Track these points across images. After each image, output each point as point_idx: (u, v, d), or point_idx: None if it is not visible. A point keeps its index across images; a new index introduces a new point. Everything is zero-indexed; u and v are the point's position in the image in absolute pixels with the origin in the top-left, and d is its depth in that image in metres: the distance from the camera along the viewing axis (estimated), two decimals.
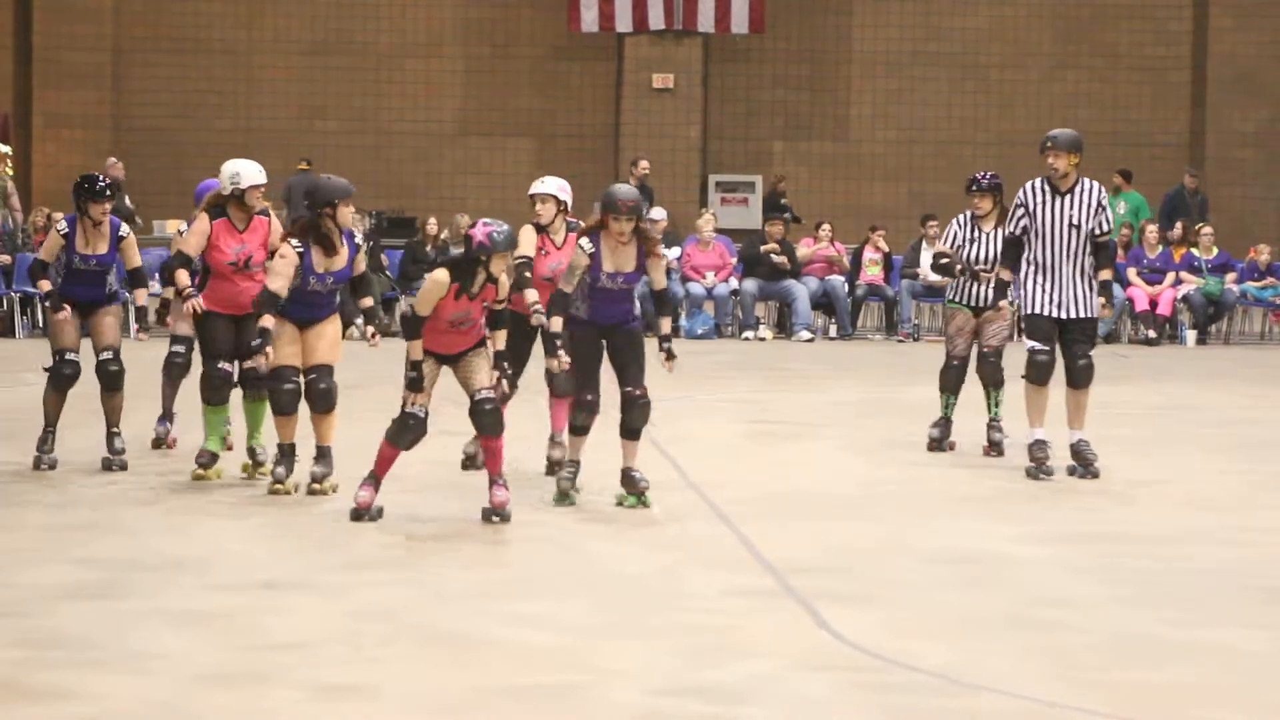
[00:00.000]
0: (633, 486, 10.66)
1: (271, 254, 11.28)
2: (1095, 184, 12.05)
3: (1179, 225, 25.23)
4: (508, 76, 30.47)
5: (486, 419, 10.21)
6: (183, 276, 11.47)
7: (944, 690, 7.07)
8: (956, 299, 13.33)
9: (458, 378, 10.33)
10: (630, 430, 10.68)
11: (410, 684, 7.09)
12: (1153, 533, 10.33)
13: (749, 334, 23.74)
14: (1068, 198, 11.96)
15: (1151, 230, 24.78)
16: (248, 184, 11.54)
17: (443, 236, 24.06)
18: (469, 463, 11.82)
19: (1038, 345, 11.96)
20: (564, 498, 10.70)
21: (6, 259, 21.97)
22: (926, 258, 24.12)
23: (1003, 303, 12.43)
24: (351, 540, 9.76)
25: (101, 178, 11.91)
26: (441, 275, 10.11)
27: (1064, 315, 11.97)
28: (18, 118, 30.01)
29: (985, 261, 13.08)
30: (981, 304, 13.13)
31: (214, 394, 11.47)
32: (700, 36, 29.76)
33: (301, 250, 10.84)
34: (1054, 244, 11.94)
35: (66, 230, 11.70)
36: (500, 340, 10.33)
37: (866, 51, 30.65)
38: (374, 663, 7.35)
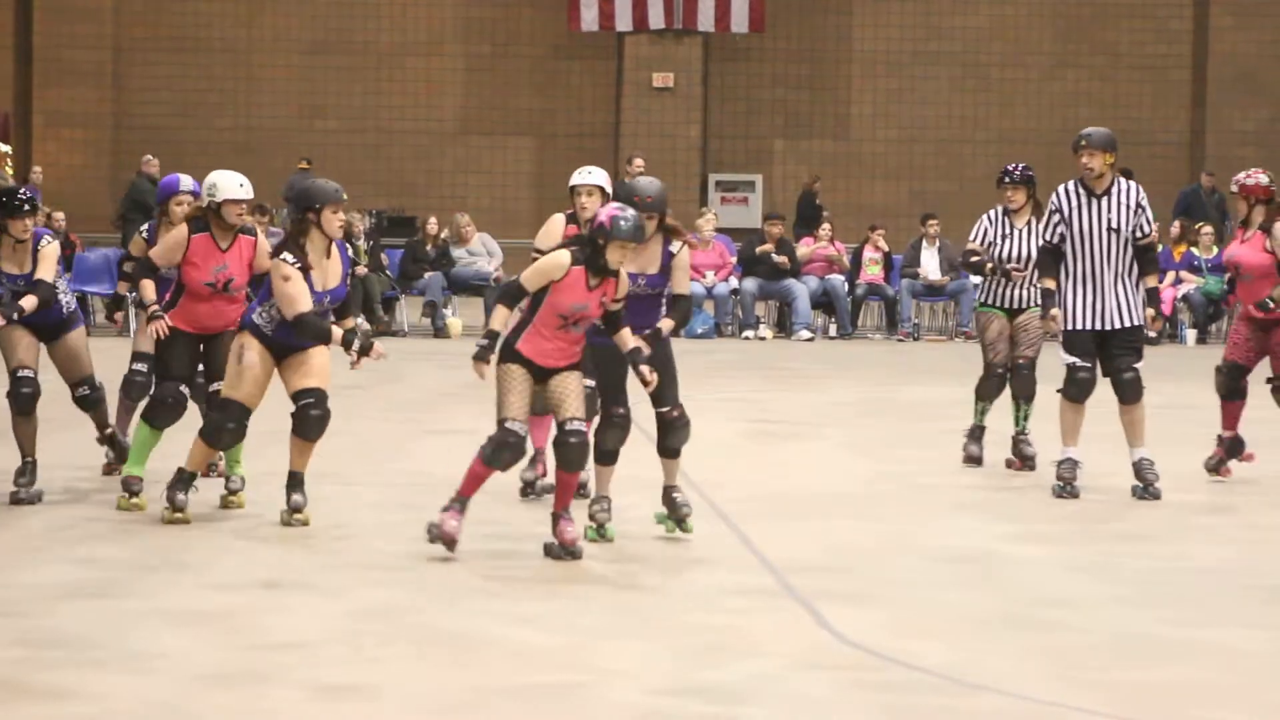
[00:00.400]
0: (674, 511, 9.79)
1: (255, 278, 10.49)
2: (1133, 183, 11.37)
3: (1177, 224, 25.24)
4: (508, 75, 30.48)
5: (571, 453, 9.18)
6: (148, 289, 10.45)
7: (944, 689, 7.07)
8: (989, 301, 12.53)
9: (548, 400, 9.26)
10: (670, 450, 9.77)
11: (410, 684, 7.09)
12: (1152, 532, 10.33)
13: (749, 333, 23.75)
14: (1104, 199, 11.23)
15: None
16: (224, 197, 10.39)
17: (443, 236, 24.07)
18: (528, 489, 10.96)
19: (1079, 361, 11.19)
20: (601, 531, 9.64)
21: None
22: (927, 257, 24.17)
23: (1054, 311, 11.24)
24: (351, 541, 9.76)
25: (23, 191, 10.84)
26: (563, 255, 9.10)
27: (1107, 326, 11.18)
28: (18, 117, 30.03)
29: (1019, 260, 12.38)
30: (1016, 305, 12.40)
31: (162, 417, 10.45)
32: (700, 35, 29.77)
33: (298, 265, 9.75)
34: (1093, 250, 11.18)
35: None
36: (627, 340, 9.30)
37: (867, 50, 30.66)
38: (374, 663, 7.36)
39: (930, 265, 24.16)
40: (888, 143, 30.65)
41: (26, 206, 10.58)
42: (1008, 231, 12.48)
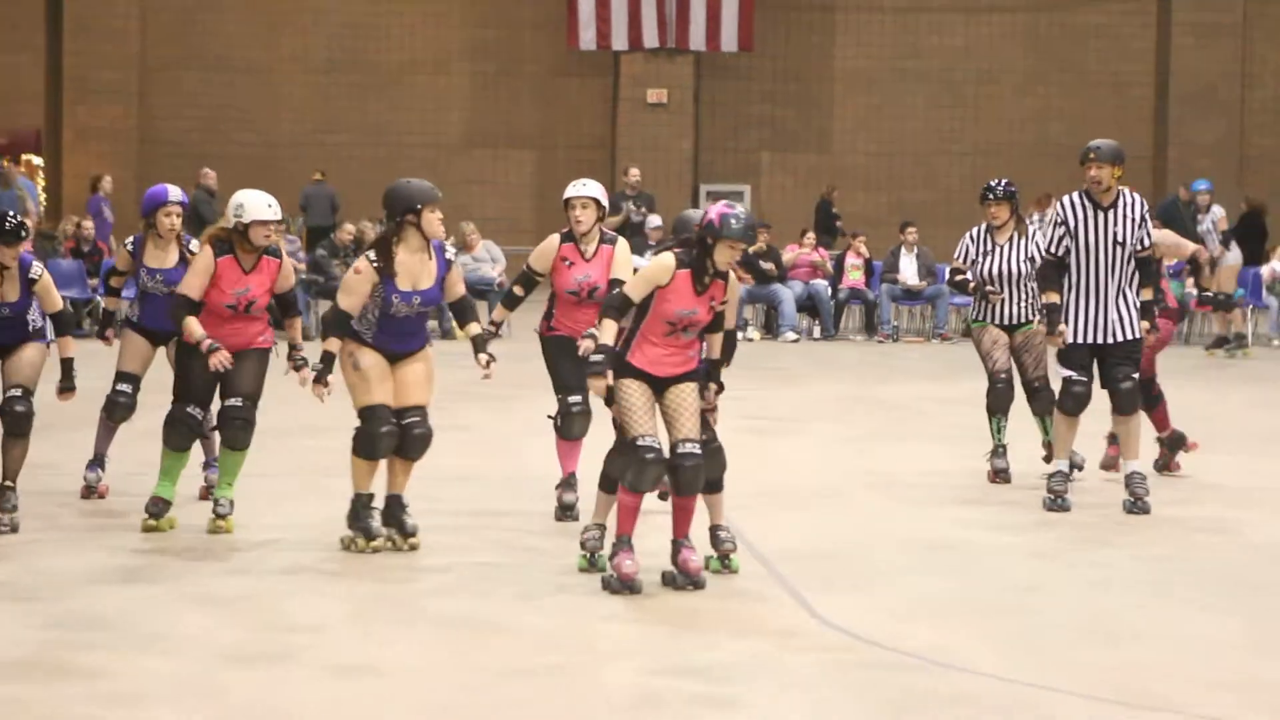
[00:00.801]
0: (717, 546, 8.72)
1: (279, 297, 9.83)
2: (1137, 196, 10.64)
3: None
4: (511, 92, 30.48)
5: (686, 475, 8.22)
6: (195, 327, 9.46)
7: (923, 670, 7.08)
8: (980, 318, 11.75)
9: (664, 413, 8.33)
10: (709, 483, 8.63)
11: (418, 664, 7.10)
12: (1116, 522, 10.33)
13: (738, 334, 23.73)
14: (1110, 212, 10.51)
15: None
16: (252, 218, 9.51)
17: (450, 241, 24.07)
18: (565, 512, 9.97)
19: (1074, 375, 10.57)
20: (592, 560, 8.67)
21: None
22: (906, 263, 24.18)
23: (1062, 327, 10.51)
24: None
25: (12, 216, 9.60)
26: (666, 258, 8.19)
27: (1106, 339, 10.54)
28: (49, 132, 30.01)
29: (999, 276, 11.62)
30: (1009, 322, 11.63)
31: (181, 440, 9.64)
32: (692, 54, 29.76)
33: (379, 265, 9.03)
34: (1097, 262, 10.52)
35: None
36: (716, 346, 8.52)
37: (849, 69, 30.66)
38: (384, 645, 7.37)
39: (908, 271, 24.19)
40: (868, 155, 30.65)
41: (21, 233, 9.51)
42: (989, 248, 11.69)
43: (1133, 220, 10.52)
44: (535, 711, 6.48)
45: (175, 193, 10.43)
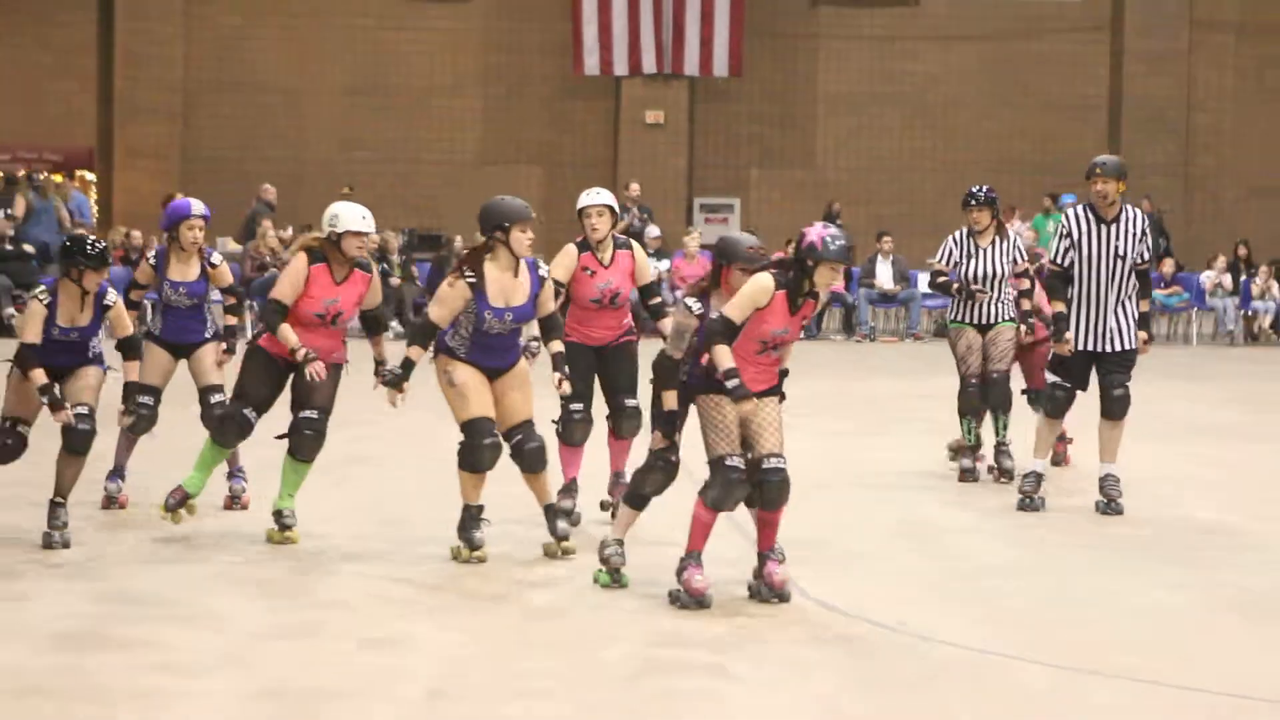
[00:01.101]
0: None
1: (366, 314, 9.17)
2: (1138, 211, 10.16)
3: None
4: (521, 113, 30.43)
5: (774, 490, 7.63)
6: (290, 334, 8.77)
7: (902, 643, 7.06)
8: (959, 319, 11.33)
9: (747, 428, 7.67)
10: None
11: (438, 636, 7.07)
12: (1081, 505, 10.29)
13: None
14: (1113, 226, 10.04)
15: None
16: (345, 228, 8.85)
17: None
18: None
19: (1060, 380, 10.16)
20: (616, 576, 7.96)
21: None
22: (882, 269, 24.22)
23: (1068, 334, 10.04)
24: (388, 516, 9.72)
25: (96, 240, 8.86)
26: (765, 279, 7.55)
27: (1102, 349, 10.07)
28: (101, 150, 30.04)
29: (983, 278, 11.23)
30: (986, 321, 11.24)
31: (232, 438, 8.93)
32: (687, 79, 29.73)
33: (473, 281, 8.43)
34: (1097, 274, 10.04)
35: (48, 299, 8.78)
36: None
37: (830, 92, 30.62)
38: (408, 619, 7.35)
39: (884, 276, 24.22)
40: (848, 171, 30.61)
41: (109, 258, 8.86)
42: (972, 251, 11.28)
43: (1134, 235, 10.05)
44: (545, 682, 6.45)
45: (198, 206, 9.85)
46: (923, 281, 24.40)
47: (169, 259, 9.82)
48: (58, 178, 27.85)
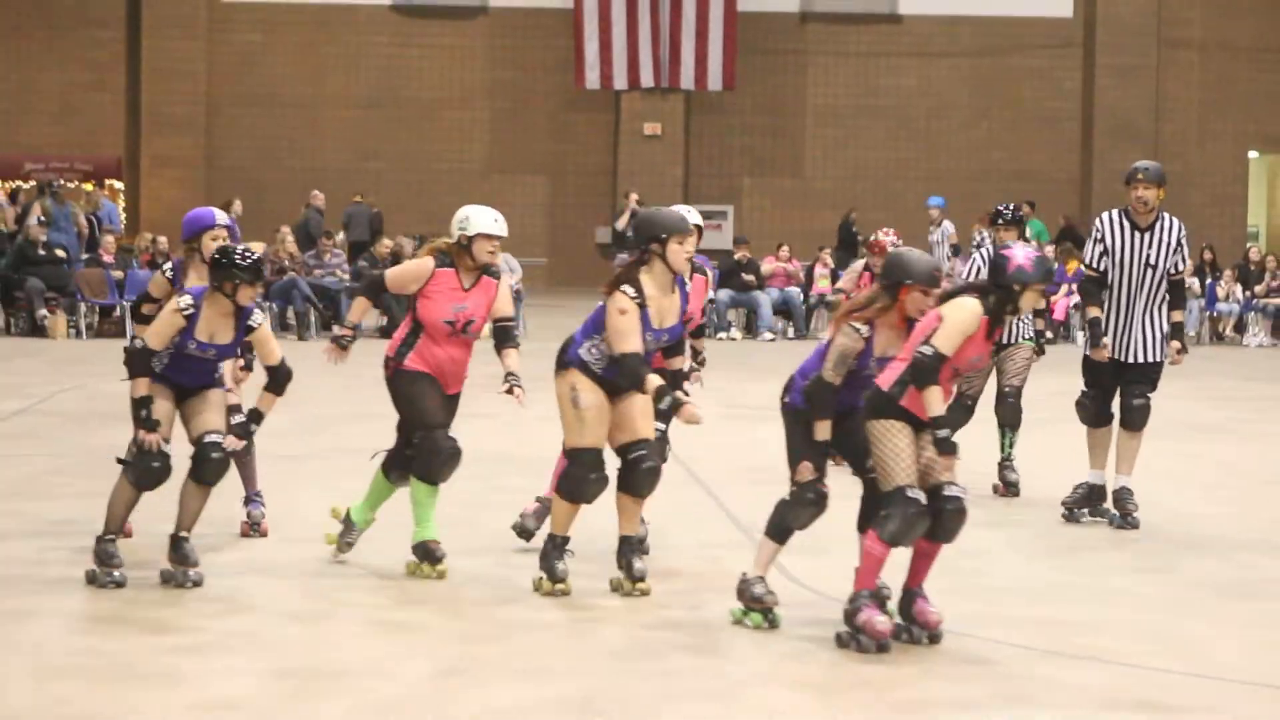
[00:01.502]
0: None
1: (498, 326, 7.96)
2: (1176, 220, 9.42)
3: (1068, 244, 25.17)
4: (526, 125, 30.44)
5: (952, 521, 6.73)
6: (360, 307, 7.98)
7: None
8: None
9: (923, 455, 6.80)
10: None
11: (447, 619, 7.08)
12: (1055, 497, 10.29)
13: (722, 334, 23.72)
14: (1148, 234, 9.31)
15: (1049, 250, 24.77)
16: (477, 231, 7.80)
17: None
18: (525, 534, 8.36)
19: (1085, 389, 9.53)
20: (769, 616, 7.04)
21: (120, 273, 21.86)
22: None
23: (1105, 340, 9.34)
24: (403, 504, 9.72)
25: (245, 250, 7.57)
26: (975, 306, 6.71)
27: (1128, 359, 9.37)
28: (129, 160, 30.06)
29: None
30: (1005, 341, 10.35)
31: (447, 471, 7.78)
32: (683, 92, 29.74)
33: (638, 300, 7.32)
34: (1128, 282, 9.33)
35: (191, 311, 7.53)
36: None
37: (818, 105, 30.63)
38: (418, 603, 7.35)
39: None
40: (835, 180, 30.62)
41: (263, 271, 7.66)
42: None
43: (1168, 245, 9.31)
44: (547, 660, 6.46)
45: (221, 216, 8.59)
46: None
47: (186, 272, 8.47)
48: (88, 186, 27.88)
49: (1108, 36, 30.02)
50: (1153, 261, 9.31)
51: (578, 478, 7.46)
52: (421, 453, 7.74)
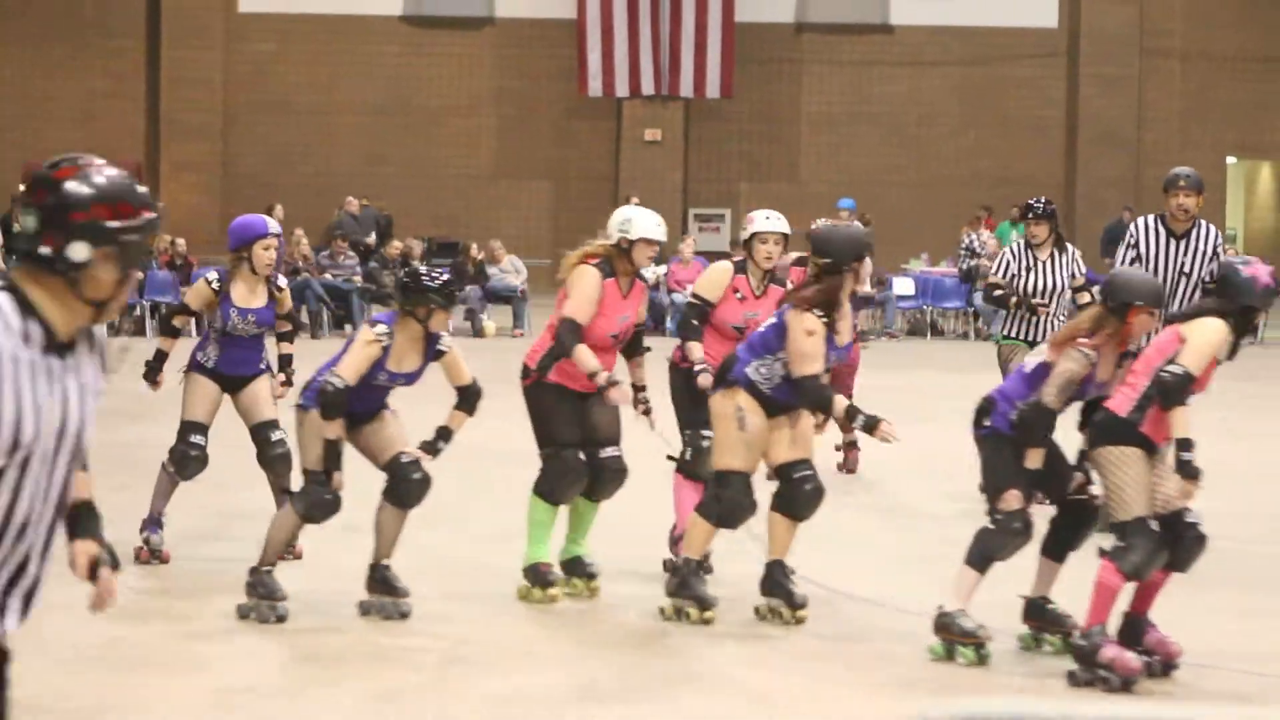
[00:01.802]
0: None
1: (631, 338, 7.32)
2: (1213, 228, 9.03)
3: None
4: (531, 131, 30.44)
5: (1197, 548, 6.21)
6: (589, 358, 7.02)
7: (872, 607, 7.07)
8: (1012, 334, 9.81)
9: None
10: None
11: (448, 602, 7.08)
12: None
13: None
14: (1182, 242, 8.92)
15: None
16: (639, 235, 7.14)
17: (480, 257, 24.01)
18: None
19: None
20: (982, 651, 6.54)
21: (139, 274, 21.83)
22: (861, 274, 24.14)
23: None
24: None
25: (434, 271, 6.98)
26: (1221, 325, 6.19)
27: None
28: (149, 165, 30.08)
29: (1042, 292, 9.76)
30: (1039, 339, 9.54)
31: (566, 489, 7.25)
32: (682, 100, 29.75)
33: (826, 320, 6.73)
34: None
35: (387, 342, 6.87)
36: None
37: (813, 112, 30.65)
38: (423, 598, 7.35)
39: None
40: (829, 184, 30.60)
41: (457, 296, 7.07)
42: (1030, 264, 9.84)
43: (1203, 253, 8.92)
44: (567, 642, 6.46)
45: (273, 225, 7.82)
46: (899, 285, 24.44)
47: (235, 282, 7.78)
48: None
49: (1092, 47, 30.03)
50: (1187, 269, 8.95)
51: (731, 503, 6.88)
52: (550, 471, 7.23)
